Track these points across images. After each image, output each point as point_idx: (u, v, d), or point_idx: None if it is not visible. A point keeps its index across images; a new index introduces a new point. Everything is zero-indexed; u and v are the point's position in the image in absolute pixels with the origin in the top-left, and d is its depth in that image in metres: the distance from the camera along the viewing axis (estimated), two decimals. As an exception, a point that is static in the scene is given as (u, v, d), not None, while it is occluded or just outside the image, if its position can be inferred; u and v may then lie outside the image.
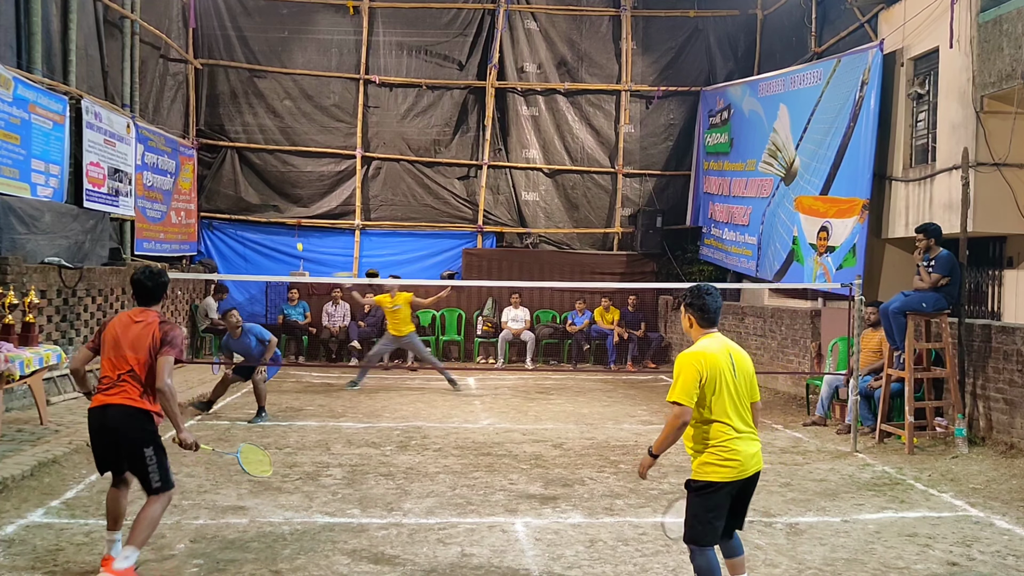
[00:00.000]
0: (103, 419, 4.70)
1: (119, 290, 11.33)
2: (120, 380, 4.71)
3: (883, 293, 10.95)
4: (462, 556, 5.19)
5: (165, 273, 5.01)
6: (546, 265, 16.16)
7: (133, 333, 4.77)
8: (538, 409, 10.77)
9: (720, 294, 4.34)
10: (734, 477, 4.04)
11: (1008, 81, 9.07)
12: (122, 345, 4.75)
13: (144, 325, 4.80)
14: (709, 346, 4.14)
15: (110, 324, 4.86)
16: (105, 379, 4.76)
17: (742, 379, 4.15)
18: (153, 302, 4.94)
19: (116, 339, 4.78)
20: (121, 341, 4.76)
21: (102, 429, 4.72)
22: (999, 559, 5.26)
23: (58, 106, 10.59)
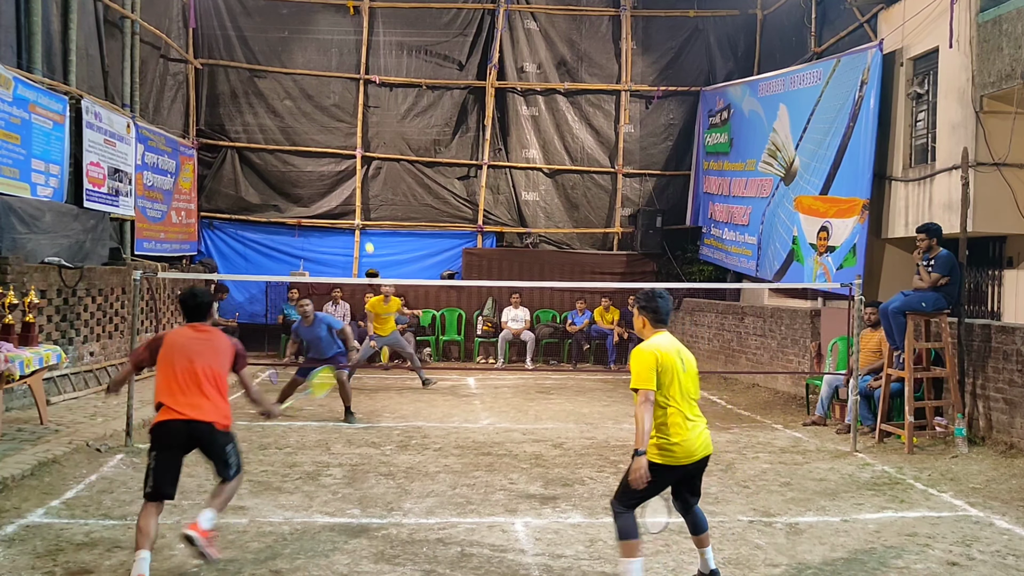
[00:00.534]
0: (187, 433, 4.80)
1: (119, 290, 11.33)
2: (197, 393, 4.84)
3: (883, 293, 10.95)
4: (462, 556, 5.19)
5: (208, 292, 5.38)
6: (546, 265, 16.16)
7: (203, 345, 4.99)
8: (538, 409, 10.77)
9: (670, 298, 4.77)
10: (676, 463, 4.48)
11: (1008, 81, 9.07)
12: (192, 358, 4.90)
13: (209, 338, 5.07)
14: (661, 343, 4.56)
15: (169, 336, 5.03)
16: (175, 391, 4.83)
17: (690, 375, 4.59)
18: (202, 318, 5.16)
19: (184, 350, 4.93)
20: (190, 354, 4.91)
21: (180, 441, 4.81)
22: (999, 559, 5.26)
23: (58, 106, 10.60)
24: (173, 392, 4.80)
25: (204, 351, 4.94)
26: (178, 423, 4.75)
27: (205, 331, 5.08)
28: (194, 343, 4.96)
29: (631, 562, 4.47)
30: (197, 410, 4.77)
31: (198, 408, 4.78)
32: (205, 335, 5.04)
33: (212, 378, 4.88)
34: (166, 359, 4.90)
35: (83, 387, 10.26)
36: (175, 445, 4.79)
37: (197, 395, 4.81)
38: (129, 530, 5.51)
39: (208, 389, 4.84)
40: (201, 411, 4.78)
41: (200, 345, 4.96)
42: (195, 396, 4.80)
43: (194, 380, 4.83)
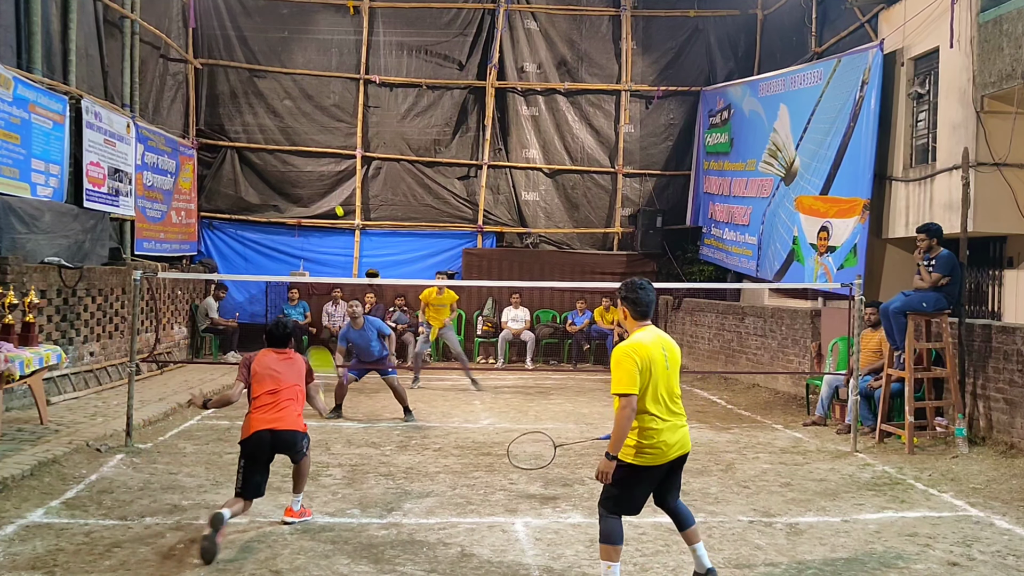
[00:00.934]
0: (274, 441, 5.65)
1: (119, 290, 11.33)
2: (282, 404, 5.73)
3: (883, 293, 10.95)
4: (462, 556, 5.19)
5: (292, 323, 6.28)
6: (546, 265, 16.16)
7: (285, 366, 5.90)
8: (538, 409, 10.77)
9: (653, 289, 4.63)
10: (655, 463, 4.42)
11: (1008, 81, 9.07)
12: (279, 377, 5.80)
13: (292, 360, 5.97)
14: (643, 338, 4.45)
15: (258, 359, 5.89)
16: (265, 405, 5.71)
17: (674, 369, 4.49)
18: (285, 346, 6.00)
19: (271, 371, 5.81)
20: (276, 373, 5.81)
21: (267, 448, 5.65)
22: (999, 559, 5.26)
23: (58, 106, 10.59)
24: (264, 407, 5.68)
25: (290, 371, 5.88)
26: (266, 432, 5.59)
27: (287, 355, 5.98)
28: (279, 365, 5.87)
29: (612, 567, 4.40)
30: (282, 421, 5.66)
31: (281, 420, 5.66)
32: (289, 358, 5.96)
33: (295, 393, 5.82)
34: (256, 376, 5.78)
35: (83, 387, 10.26)
36: (265, 451, 5.61)
37: (282, 409, 5.71)
38: (130, 530, 5.52)
39: (291, 403, 5.77)
40: (284, 422, 5.67)
41: (284, 367, 5.88)
42: (280, 410, 5.70)
43: (280, 396, 5.74)
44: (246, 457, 5.59)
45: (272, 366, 5.86)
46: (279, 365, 5.87)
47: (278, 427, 5.63)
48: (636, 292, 4.53)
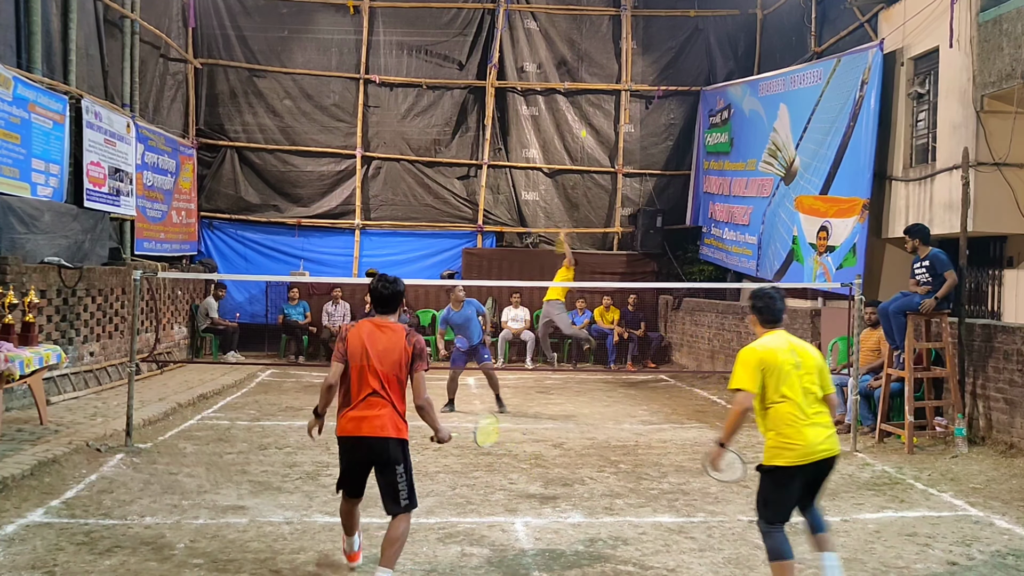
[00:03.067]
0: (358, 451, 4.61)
1: (119, 290, 11.33)
2: (371, 398, 4.55)
3: (883, 293, 10.95)
4: (462, 556, 5.19)
5: (400, 281, 4.79)
6: (546, 265, 16.12)
7: (381, 344, 4.57)
8: (538, 409, 10.77)
9: (782, 298, 4.78)
10: (798, 461, 4.32)
11: (1008, 81, 9.06)
12: (371, 356, 4.55)
13: (392, 334, 4.61)
14: (769, 341, 4.52)
15: (354, 331, 4.65)
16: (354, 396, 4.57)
17: (806, 372, 4.44)
18: (391, 311, 4.74)
19: (364, 349, 4.57)
20: (370, 352, 4.56)
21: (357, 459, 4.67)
22: (999, 559, 5.26)
23: (58, 106, 10.59)
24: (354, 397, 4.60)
25: (386, 350, 4.57)
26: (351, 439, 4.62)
27: (387, 327, 4.65)
28: (375, 339, 4.59)
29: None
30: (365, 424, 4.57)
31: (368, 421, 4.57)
32: (388, 330, 4.63)
33: (388, 380, 4.58)
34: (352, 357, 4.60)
35: (83, 387, 10.26)
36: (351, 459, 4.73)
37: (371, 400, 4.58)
38: (130, 529, 5.52)
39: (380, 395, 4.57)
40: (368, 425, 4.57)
41: (382, 341, 4.59)
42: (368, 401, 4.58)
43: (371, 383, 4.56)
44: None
45: (363, 337, 4.58)
46: (372, 337, 4.58)
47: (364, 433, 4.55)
48: (763, 300, 4.70)
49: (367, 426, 4.52)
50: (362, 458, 4.63)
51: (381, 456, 4.56)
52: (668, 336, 16.07)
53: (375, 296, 4.72)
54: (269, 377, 12.89)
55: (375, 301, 4.74)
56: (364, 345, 4.55)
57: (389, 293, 4.70)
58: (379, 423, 4.53)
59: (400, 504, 4.55)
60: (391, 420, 4.56)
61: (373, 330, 4.61)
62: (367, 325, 4.64)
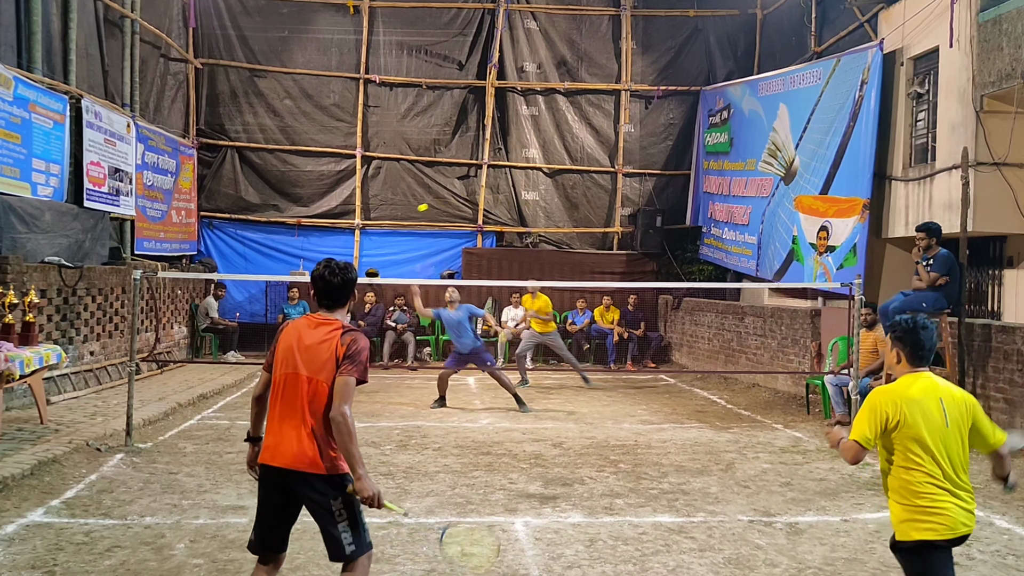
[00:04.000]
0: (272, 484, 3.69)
1: (119, 289, 11.33)
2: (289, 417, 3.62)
3: (883, 293, 10.95)
4: (462, 556, 5.18)
5: (352, 267, 3.92)
6: (546, 265, 16.16)
7: (310, 341, 3.68)
8: (538, 409, 10.77)
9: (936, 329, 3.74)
10: (943, 536, 3.44)
11: (1008, 80, 9.07)
12: (298, 360, 3.66)
13: (326, 330, 3.70)
14: (910, 388, 3.56)
15: (285, 331, 3.81)
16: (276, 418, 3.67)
17: (955, 428, 3.52)
18: (338, 304, 3.84)
19: (292, 350, 3.70)
20: (297, 354, 3.68)
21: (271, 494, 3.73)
22: (999, 559, 5.26)
23: (58, 105, 10.59)
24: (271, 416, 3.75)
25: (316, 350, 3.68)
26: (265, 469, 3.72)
27: (324, 323, 3.75)
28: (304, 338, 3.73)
29: None
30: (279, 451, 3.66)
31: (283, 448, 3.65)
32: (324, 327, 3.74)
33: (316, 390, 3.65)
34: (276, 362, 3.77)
35: (83, 387, 10.26)
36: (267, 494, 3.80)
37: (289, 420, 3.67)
38: (130, 529, 5.52)
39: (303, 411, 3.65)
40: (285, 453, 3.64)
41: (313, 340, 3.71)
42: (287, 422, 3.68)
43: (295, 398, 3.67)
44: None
45: (292, 338, 3.73)
46: (301, 337, 3.71)
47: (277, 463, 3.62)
48: (917, 333, 3.61)
49: (282, 453, 3.60)
50: (276, 495, 3.68)
51: (302, 493, 3.62)
52: (668, 336, 16.07)
53: (321, 286, 3.81)
54: None
55: (320, 292, 3.83)
56: (291, 346, 3.70)
57: (339, 283, 3.80)
58: (297, 449, 3.58)
59: (344, 551, 3.60)
60: (313, 447, 3.58)
61: (305, 327, 3.74)
62: (301, 322, 3.80)
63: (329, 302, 3.83)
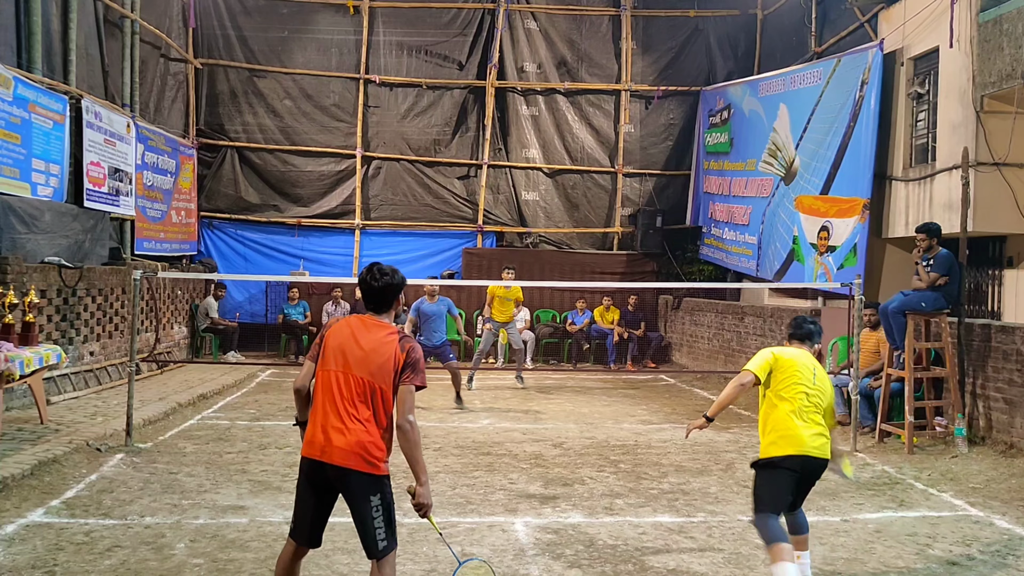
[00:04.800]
0: (315, 477, 3.76)
1: (119, 290, 11.33)
2: (338, 415, 3.70)
3: (883, 293, 10.95)
4: (462, 556, 5.18)
5: (396, 272, 3.99)
6: (546, 265, 16.16)
7: (366, 344, 3.75)
8: (538, 409, 10.77)
9: (816, 325, 4.98)
10: (792, 452, 4.51)
11: (1008, 81, 9.07)
12: (349, 359, 3.74)
13: (382, 334, 3.78)
14: (789, 350, 4.80)
15: (336, 327, 3.87)
16: (324, 413, 3.73)
17: (819, 391, 4.65)
18: (385, 309, 3.91)
19: (342, 348, 3.76)
20: (347, 353, 3.75)
21: (318, 485, 3.80)
22: (999, 559, 5.26)
23: (58, 105, 10.59)
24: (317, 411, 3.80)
25: (373, 352, 3.76)
26: (314, 463, 3.77)
27: (380, 325, 3.85)
28: (360, 339, 3.80)
29: (779, 566, 4.29)
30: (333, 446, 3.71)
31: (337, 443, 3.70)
32: (380, 331, 3.82)
33: (372, 391, 3.73)
34: (326, 356, 3.82)
35: (83, 387, 10.26)
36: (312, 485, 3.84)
37: (343, 417, 3.73)
38: (130, 529, 5.52)
39: (357, 409, 3.72)
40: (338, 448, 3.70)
41: (369, 342, 3.78)
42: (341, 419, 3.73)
43: (348, 394, 3.74)
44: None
45: (344, 336, 3.80)
46: (357, 337, 3.78)
47: (330, 460, 3.68)
48: (803, 327, 4.94)
49: (333, 450, 3.68)
50: (317, 489, 3.80)
51: (350, 491, 3.72)
52: (668, 336, 16.07)
53: (364, 289, 3.93)
54: (269, 377, 12.89)
55: (365, 296, 3.95)
56: (343, 344, 3.78)
57: (380, 287, 3.88)
58: (347, 448, 3.67)
59: (377, 548, 3.71)
60: (362, 446, 3.67)
61: (359, 327, 3.83)
62: (354, 320, 3.88)
63: (374, 305, 3.91)
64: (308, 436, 3.76)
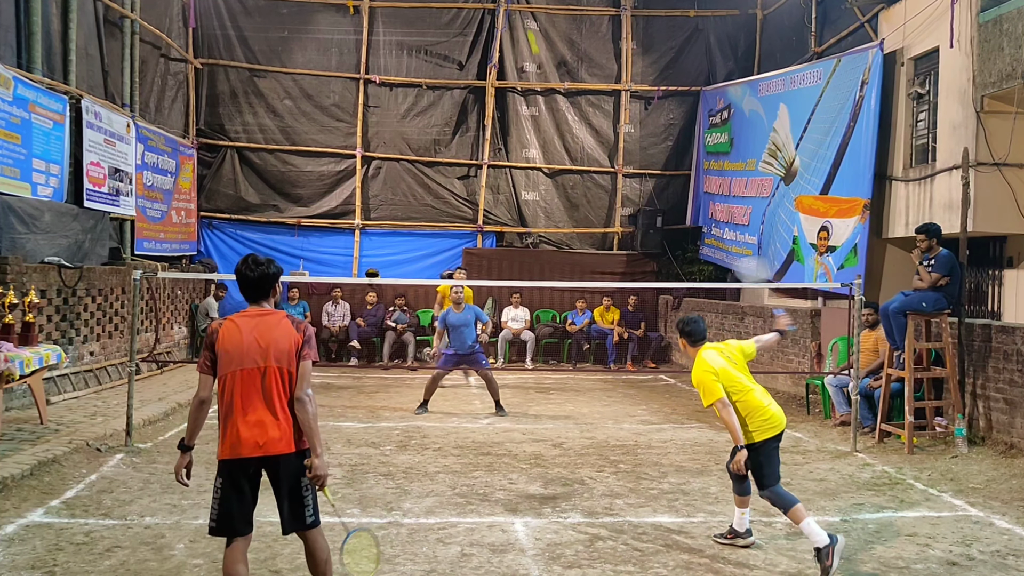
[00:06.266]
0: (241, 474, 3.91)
1: (119, 290, 11.33)
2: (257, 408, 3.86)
3: (883, 293, 10.95)
4: (462, 556, 5.19)
5: (274, 262, 4.16)
6: (546, 265, 16.16)
7: (271, 334, 3.92)
8: (538, 409, 10.77)
9: (702, 319, 5.70)
10: (775, 433, 5.24)
11: (1008, 81, 9.07)
12: (259, 355, 3.88)
13: (278, 320, 3.97)
14: (706, 356, 5.39)
15: (225, 331, 3.95)
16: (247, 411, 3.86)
17: (741, 364, 5.43)
18: (264, 297, 4.07)
19: (247, 346, 3.89)
20: (257, 349, 3.89)
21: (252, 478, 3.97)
22: (999, 559, 5.26)
23: (58, 106, 10.59)
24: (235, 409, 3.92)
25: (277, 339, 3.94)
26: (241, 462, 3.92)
27: (267, 314, 4.03)
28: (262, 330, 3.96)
29: (738, 511, 5.38)
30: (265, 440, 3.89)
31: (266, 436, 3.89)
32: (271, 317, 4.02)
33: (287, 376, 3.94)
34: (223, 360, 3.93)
35: (83, 387, 10.26)
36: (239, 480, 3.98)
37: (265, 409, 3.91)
38: (129, 530, 5.52)
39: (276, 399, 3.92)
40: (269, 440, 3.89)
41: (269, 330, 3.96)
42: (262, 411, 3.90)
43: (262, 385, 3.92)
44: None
45: (242, 335, 3.92)
46: (253, 331, 3.93)
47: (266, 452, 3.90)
48: (689, 325, 5.56)
49: (256, 443, 3.84)
50: (246, 483, 3.94)
51: (284, 474, 3.91)
52: (668, 336, 16.06)
53: (242, 280, 4.03)
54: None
55: (243, 287, 4.04)
56: (244, 342, 3.89)
57: (256, 276, 4.02)
58: (281, 436, 3.88)
59: (306, 521, 3.99)
60: (291, 430, 3.91)
61: (251, 323, 3.94)
62: (240, 320, 3.97)
63: (254, 295, 4.07)
64: (233, 436, 3.87)
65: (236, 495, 3.93)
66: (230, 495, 3.93)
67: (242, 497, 3.95)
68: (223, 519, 3.95)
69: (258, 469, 3.95)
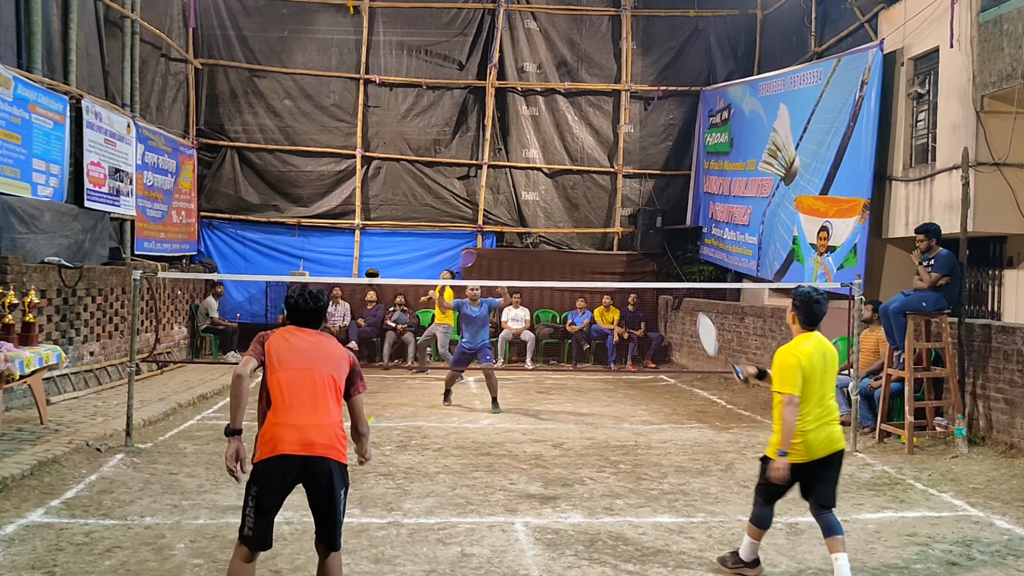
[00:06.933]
0: (287, 473, 3.87)
1: (119, 290, 11.33)
2: (314, 409, 3.91)
3: (883, 293, 10.95)
4: (462, 556, 5.19)
5: (324, 293, 4.27)
6: (546, 265, 16.16)
7: (320, 345, 4.08)
8: (538, 409, 10.77)
9: (826, 301, 4.85)
10: (796, 460, 4.68)
11: (1008, 81, 9.07)
12: (312, 358, 4.00)
13: (325, 338, 4.16)
14: (806, 347, 4.71)
15: (273, 337, 4.07)
16: (293, 409, 3.88)
17: (830, 375, 4.76)
18: (315, 326, 4.20)
19: (298, 349, 4.01)
20: (307, 353, 4.01)
21: (288, 483, 3.91)
22: (999, 559, 5.26)
23: (58, 106, 10.59)
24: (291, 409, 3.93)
25: (333, 355, 4.11)
26: (288, 459, 3.87)
27: (321, 335, 4.19)
28: (312, 342, 4.11)
29: (750, 540, 4.93)
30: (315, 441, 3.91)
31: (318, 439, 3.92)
32: (325, 337, 4.21)
33: (337, 390, 4.05)
34: (274, 357, 3.99)
35: (83, 387, 10.26)
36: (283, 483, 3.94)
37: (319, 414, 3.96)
38: (130, 530, 5.52)
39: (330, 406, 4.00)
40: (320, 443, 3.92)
41: (322, 344, 4.12)
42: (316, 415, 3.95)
43: (319, 392, 3.99)
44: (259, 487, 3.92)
45: (294, 340, 4.06)
46: (304, 340, 4.09)
47: (315, 452, 3.88)
48: (810, 305, 4.78)
49: (314, 442, 3.86)
50: (285, 485, 3.90)
51: (319, 481, 3.88)
52: (668, 336, 16.07)
53: (295, 311, 4.15)
54: None
55: (298, 316, 4.16)
56: (297, 347, 4.03)
57: (313, 309, 4.15)
58: (327, 440, 3.89)
59: (338, 540, 4.03)
60: (338, 438, 3.94)
61: (302, 334, 4.12)
62: (291, 334, 4.10)
63: (305, 323, 4.19)
64: (278, 433, 3.84)
65: (271, 500, 3.86)
66: (266, 499, 3.85)
67: (274, 505, 3.89)
68: (260, 530, 3.87)
69: (296, 476, 3.86)
